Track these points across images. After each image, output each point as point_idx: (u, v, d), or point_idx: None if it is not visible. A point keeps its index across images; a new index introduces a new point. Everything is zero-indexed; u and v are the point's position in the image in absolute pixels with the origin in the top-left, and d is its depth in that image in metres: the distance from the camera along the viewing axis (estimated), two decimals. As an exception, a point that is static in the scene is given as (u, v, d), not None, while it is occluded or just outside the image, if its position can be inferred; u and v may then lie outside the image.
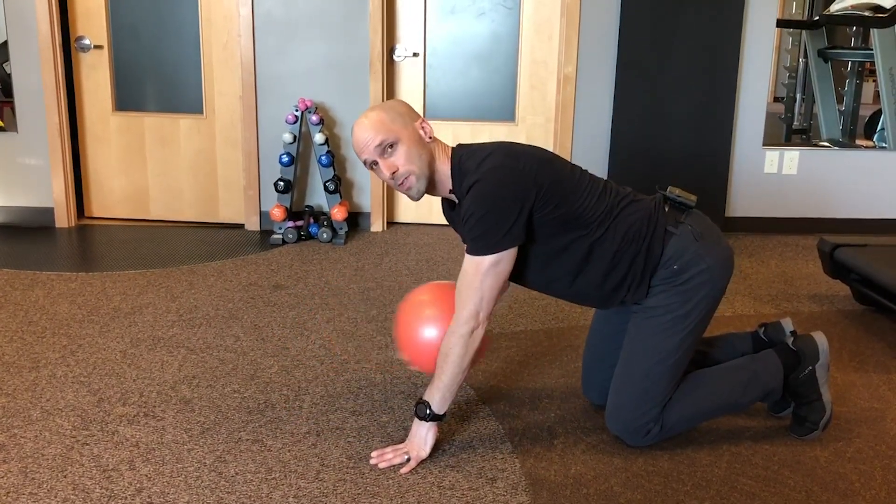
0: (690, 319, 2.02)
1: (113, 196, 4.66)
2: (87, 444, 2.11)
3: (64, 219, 4.49)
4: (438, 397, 2.00)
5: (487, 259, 1.91)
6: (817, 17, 4.74)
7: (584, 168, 2.09)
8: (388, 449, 2.06)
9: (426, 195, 2.07)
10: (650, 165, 4.38)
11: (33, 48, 4.29)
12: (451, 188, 2.04)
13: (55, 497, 1.87)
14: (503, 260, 1.92)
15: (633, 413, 2.06)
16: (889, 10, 4.57)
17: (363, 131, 1.97)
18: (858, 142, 4.89)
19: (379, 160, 1.98)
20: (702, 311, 2.02)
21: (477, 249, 1.92)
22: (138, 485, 1.93)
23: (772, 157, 4.55)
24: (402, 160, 1.97)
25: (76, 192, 4.61)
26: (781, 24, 4.61)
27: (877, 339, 2.96)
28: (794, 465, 2.06)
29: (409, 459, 2.02)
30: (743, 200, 4.59)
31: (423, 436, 2.03)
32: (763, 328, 2.30)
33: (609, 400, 2.12)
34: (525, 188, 1.91)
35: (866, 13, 4.62)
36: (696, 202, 2.08)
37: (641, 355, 2.05)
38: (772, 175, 4.57)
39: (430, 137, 2.03)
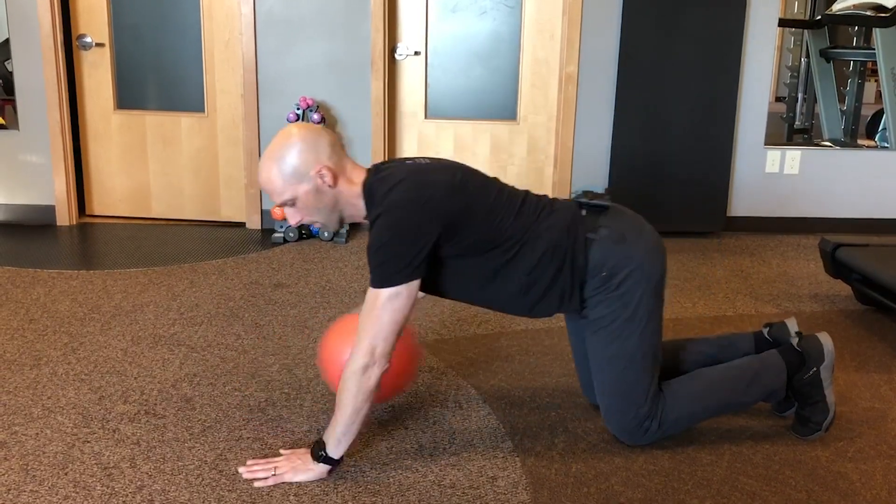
0: (639, 318, 2.01)
1: (114, 194, 4.66)
2: (88, 442, 2.11)
3: (65, 216, 4.50)
4: (333, 441, 1.91)
5: (385, 292, 1.84)
6: (819, 17, 4.74)
7: (502, 183, 2.06)
8: (262, 460, 1.99)
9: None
10: (652, 164, 4.38)
11: (35, 46, 4.29)
12: (365, 216, 2.00)
13: (56, 494, 1.87)
14: (402, 294, 1.84)
15: (623, 415, 2.06)
16: (891, 9, 4.57)
17: (261, 184, 1.94)
18: (860, 141, 4.89)
19: (284, 209, 1.97)
20: (647, 306, 2.01)
21: (375, 281, 1.86)
22: (139, 482, 1.93)
23: (773, 156, 4.54)
24: (302, 213, 1.96)
25: (77, 189, 4.61)
26: (783, 23, 4.60)
27: (878, 339, 2.96)
28: (795, 465, 2.06)
29: (274, 474, 1.93)
30: (744, 200, 4.59)
31: (308, 468, 1.93)
32: (768, 328, 2.29)
33: (599, 403, 2.13)
34: (429, 221, 1.86)
35: (868, 13, 4.61)
36: (612, 198, 2.07)
37: (607, 365, 2.05)
38: (773, 175, 4.57)
39: (331, 184, 1.92)
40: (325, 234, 4.26)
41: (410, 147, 4.59)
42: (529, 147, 4.55)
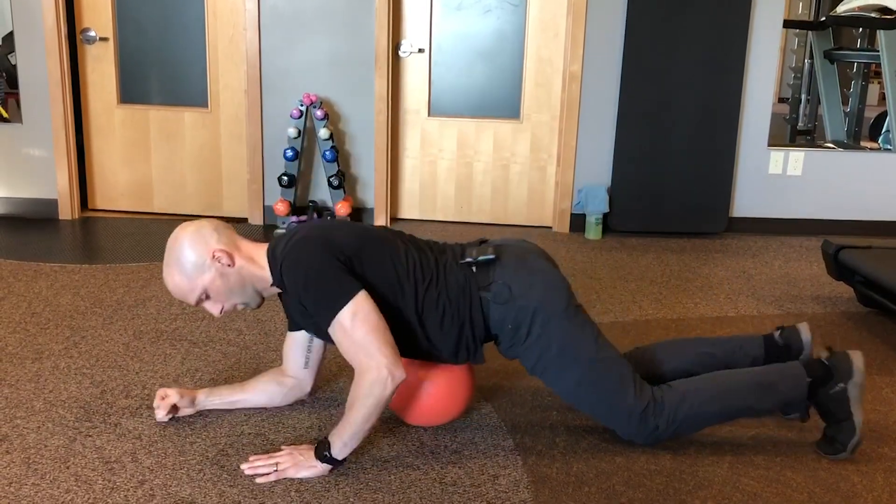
0: (568, 345, 2.00)
1: (117, 188, 4.66)
2: (90, 436, 2.11)
3: (68, 211, 4.50)
4: (339, 444, 1.92)
5: (343, 317, 1.85)
6: (824, 18, 4.74)
7: (404, 238, 2.08)
8: (264, 456, 2.00)
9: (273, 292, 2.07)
10: (655, 164, 4.37)
11: (39, 39, 4.29)
12: (272, 283, 2.02)
13: (58, 488, 1.87)
14: (357, 308, 1.86)
15: (621, 423, 2.06)
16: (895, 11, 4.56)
17: (171, 292, 2.00)
18: (863, 143, 4.88)
19: (203, 306, 2.01)
20: (567, 331, 2.00)
21: (327, 316, 1.87)
22: (140, 477, 1.93)
23: (776, 157, 4.54)
24: (220, 301, 2.00)
25: (80, 183, 4.61)
26: (787, 24, 4.60)
27: (880, 342, 2.96)
28: (796, 466, 2.06)
29: (276, 469, 1.94)
30: (747, 201, 4.59)
31: (310, 465, 1.94)
32: (779, 331, 2.26)
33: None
34: (329, 251, 1.90)
35: (873, 14, 4.61)
36: (500, 255, 2.04)
37: (574, 395, 2.06)
38: (776, 176, 4.56)
39: (230, 264, 1.97)
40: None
41: (413, 144, 4.59)
42: (532, 146, 4.55)
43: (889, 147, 4.71)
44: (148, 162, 4.60)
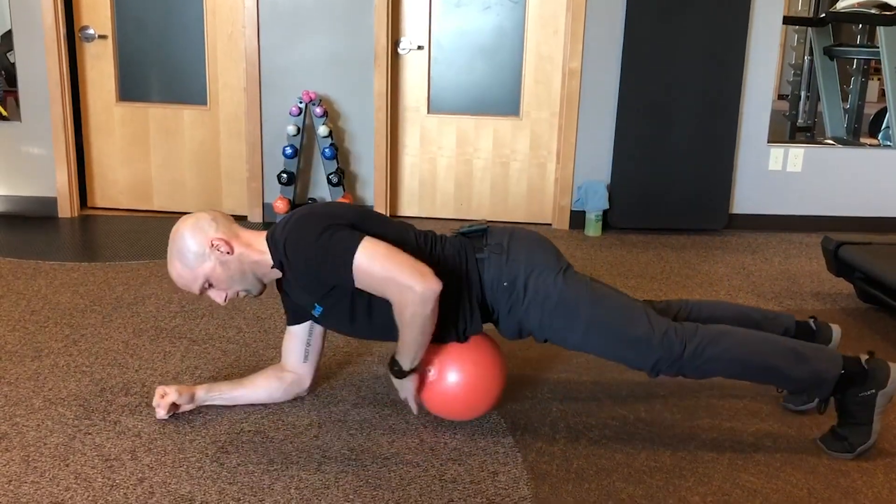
0: (568, 293, 2.02)
1: (116, 186, 4.66)
2: (90, 434, 2.11)
3: (67, 209, 4.49)
4: (409, 361, 2.01)
5: (359, 259, 1.88)
6: (823, 15, 4.73)
7: (400, 223, 2.14)
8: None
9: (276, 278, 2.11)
10: (654, 161, 4.37)
11: (38, 37, 4.28)
12: (272, 265, 2.05)
13: (57, 486, 1.87)
14: (368, 247, 1.89)
15: (641, 355, 2.02)
16: (896, 7, 4.55)
17: (175, 282, 2.06)
18: (863, 140, 4.88)
19: (207, 294, 2.07)
20: (564, 282, 2.03)
21: (345, 268, 1.89)
22: (140, 474, 1.93)
23: (776, 154, 4.54)
24: (223, 288, 2.05)
25: (79, 182, 4.61)
26: (787, 20, 4.60)
27: (880, 338, 2.96)
28: (796, 462, 2.06)
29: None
30: (747, 197, 4.58)
31: (409, 388, 2.09)
32: (813, 319, 2.28)
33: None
34: (328, 220, 1.95)
35: (873, 10, 4.60)
36: (490, 227, 2.14)
37: (584, 341, 2.06)
38: (776, 172, 4.56)
39: (229, 251, 2.01)
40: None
41: (413, 141, 4.59)
42: (532, 143, 4.55)
43: (889, 143, 4.71)
44: (147, 160, 4.60)
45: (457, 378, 2.10)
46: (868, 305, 3.32)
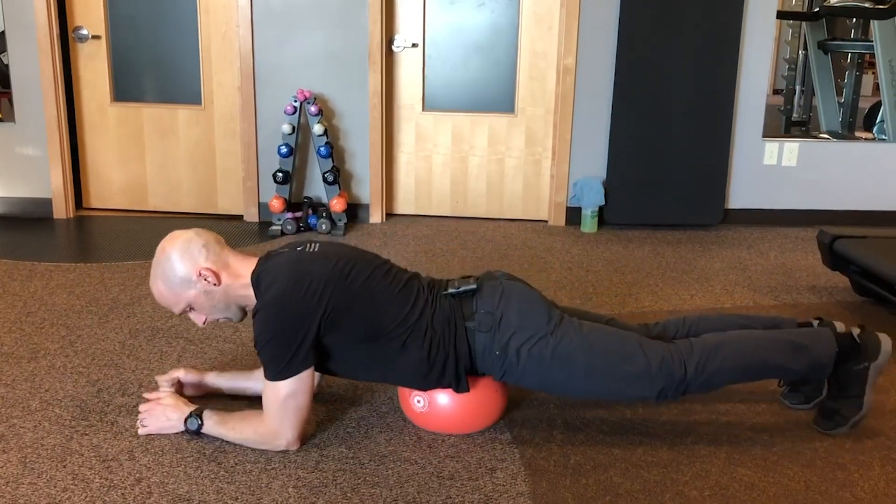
0: (561, 350, 2.00)
1: (111, 187, 4.65)
2: (87, 435, 2.11)
3: (62, 210, 4.49)
4: (215, 428, 2.05)
5: (283, 388, 1.94)
6: (817, 9, 4.73)
7: (389, 268, 2.10)
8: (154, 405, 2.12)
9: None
10: (649, 157, 4.37)
11: (31, 38, 4.27)
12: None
13: (55, 487, 1.87)
14: (298, 386, 1.94)
15: (644, 388, 2.02)
16: (890, 1, 4.56)
17: (157, 300, 2.06)
18: (858, 134, 4.89)
19: (188, 314, 2.07)
20: (556, 340, 2.00)
21: (269, 374, 1.95)
22: (138, 475, 1.93)
23: (771, 148, 4.54)
24: (203, 313, 2.06)
25: (74, 182, 4.60)
26: (782, 15, 4.60)
27: (876, 331, 2.96)
28: (793, 456, 2.06)
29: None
30: (742, 192, 4.59)
31: (171, 425, 2.09)
32: (818, 321, 2.27)
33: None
34: (306, 317, 1.92)
35: (867, 5, 4.61)
36: (481, 286, 2.08)
37: (586, 389, 2.07)
38: (771, 167, 4.56)
39: (216, 283, 2.00)
40: (323, 226, 4.26)
41: (408, 139, 4.58)
42: (527, 140, 4.55)
43: (883, 137, 4.71)
44: (142, 160, 4.59)
45: (447, 402, 2.11)
46: (864, 298, 3.33)
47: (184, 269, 2.00)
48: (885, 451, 2.10)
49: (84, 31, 4.41)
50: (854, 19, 4.79)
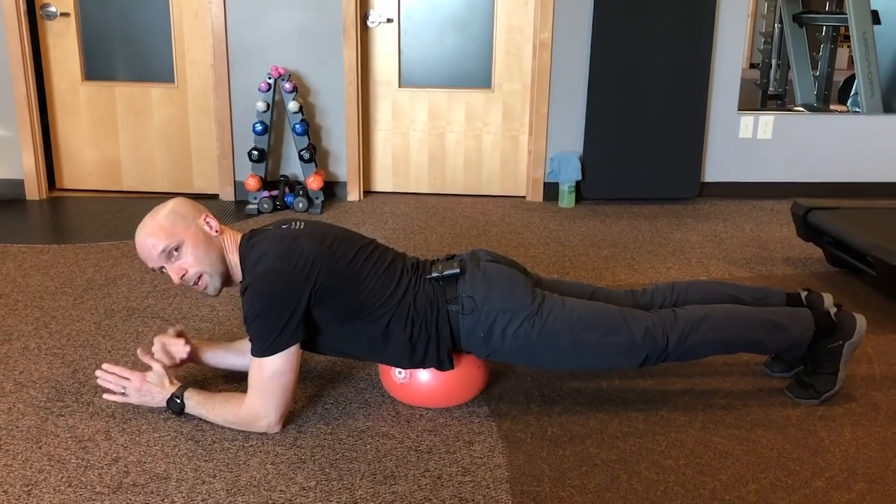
0: (546, 328, 2.01)
1: (84, 167, 4.59)
2: (62, 416, 2.09)
3: (35, 191, 4.42)
4: (196, 408, 2.04)
5: (269, 365, 1.92)
6: (792, -18, 4.73)
7: (375, 247, 2.10)
8: (117, 369, 2.06)
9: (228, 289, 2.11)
10: (626, 131, 4.37)
11: (-2, 16, 4.19)
12: (240, 281, 2.05)
13: (30, 468, 1.86)
14: (284, 363, 1.93)
15: (629, 358, 2.05)
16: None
17: (144, 239, 1.97)
18: (832, 107, 4.91)
19: (166, 265, 1.99)
20: (540, 319, 2.01)
21: (256, 350, 1.93)
22: (114, 454, 1.92)
23: (747, 121, 4.56)
24: (189, 261, 1.99)
25: (46, 163, 4.53)
26: (757, -12, 4.60)
27: (848, 300, 3.00)
28: (766, 424, 2.09)
29: (124, 393, 2.06)
30: (718, 165, 4.61)
31: (156, 402, 2.07)
32: (806, 292, 2.31)
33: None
34: (296, 290, 1.92)
35: (841, -23, 4.61)
36: (464, 269, 2.08)
37: (573, 362, 2.08)
38: (747, 140, 4.59)
39: (217, 231, 2.04)
40: (300, 204, 4.23)
41: (385, 116, 4.55)
42: (504, 115, 4.53)
43: (857, 110, 4.75)
44: (115, 140, 4.53)
45: (428, 378, 2.11)
46: (837, 269, 3.37)
47: (189, 211, 2.03)
48: (855, 416, 2.14)
49: (52, 9, 4.33)
50: (828, -8, 4.80)
